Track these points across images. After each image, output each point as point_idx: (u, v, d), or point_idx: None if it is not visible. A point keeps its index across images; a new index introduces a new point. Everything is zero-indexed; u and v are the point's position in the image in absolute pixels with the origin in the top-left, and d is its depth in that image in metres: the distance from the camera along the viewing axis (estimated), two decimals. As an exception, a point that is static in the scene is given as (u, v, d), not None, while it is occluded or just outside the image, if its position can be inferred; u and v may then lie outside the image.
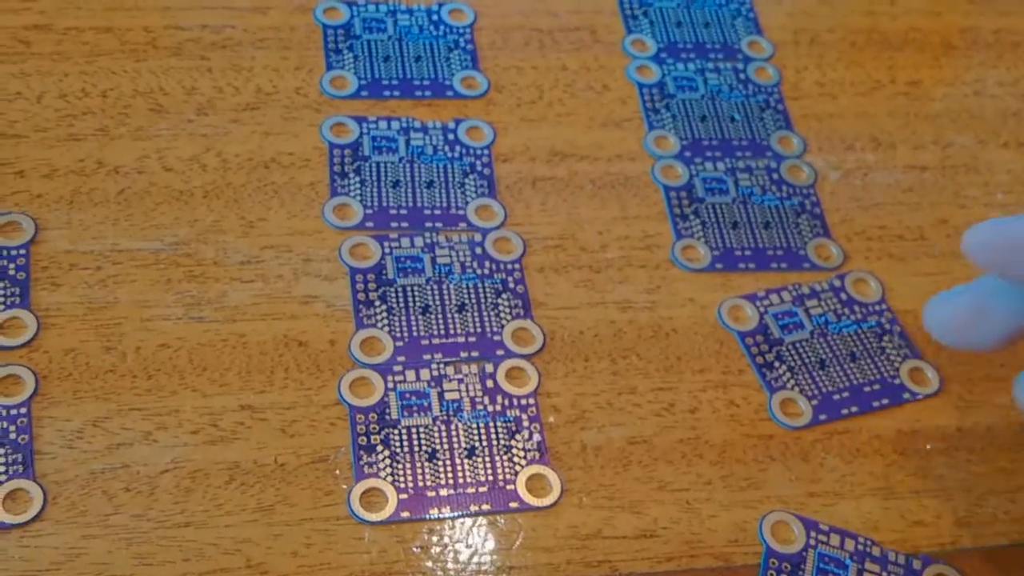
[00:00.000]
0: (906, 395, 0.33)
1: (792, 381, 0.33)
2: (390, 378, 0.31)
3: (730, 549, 0.30)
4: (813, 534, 0.30)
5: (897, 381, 0.33)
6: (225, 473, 0.29)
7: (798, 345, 0.34)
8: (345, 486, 0.29)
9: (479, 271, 0.34)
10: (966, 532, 0.31)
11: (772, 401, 0.32)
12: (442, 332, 0.32)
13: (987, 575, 0.30)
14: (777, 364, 0.33)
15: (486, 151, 0.37)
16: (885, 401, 0.33)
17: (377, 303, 0.32)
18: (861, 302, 0.35)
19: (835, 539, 0.30)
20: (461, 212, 0.35)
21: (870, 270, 0.36)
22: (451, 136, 0.37)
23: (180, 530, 0.28)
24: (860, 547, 0.30)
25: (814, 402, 0.33)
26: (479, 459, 0.30)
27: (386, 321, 0.32)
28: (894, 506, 0.31)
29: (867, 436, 0.32)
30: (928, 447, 0.32)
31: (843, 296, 0.35)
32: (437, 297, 0.33)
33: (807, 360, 0.33)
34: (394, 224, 0.34)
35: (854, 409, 0.33)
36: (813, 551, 0.30)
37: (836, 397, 0.33)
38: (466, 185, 0.36)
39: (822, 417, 0.32)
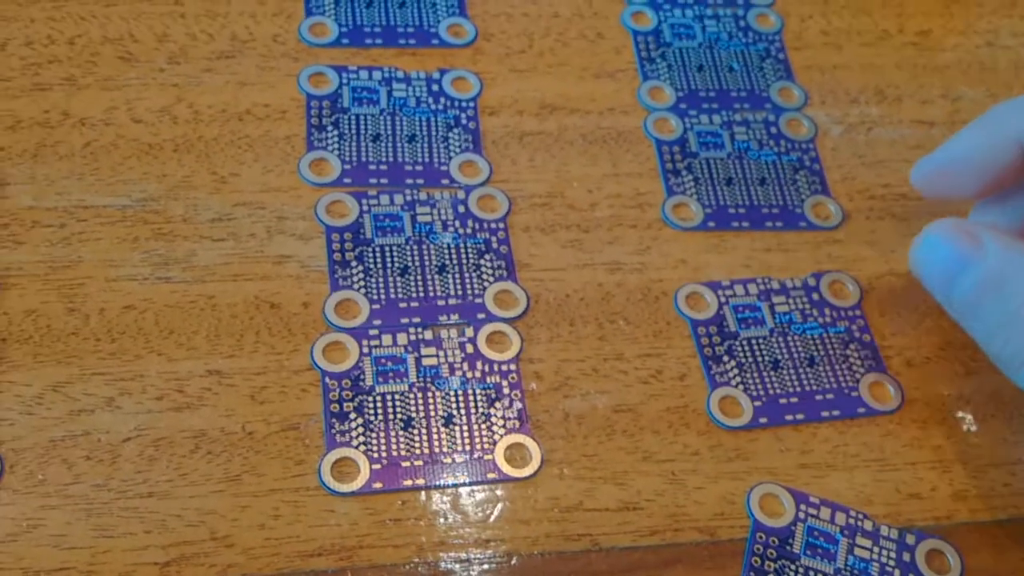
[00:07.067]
0: (861, 409, 0.31)
1: (739, 379, 0.31)
2: (365, 342, 0.30)
3: (716, 523, 0.29)
4: (803, 507, 0.29)
5: (855, 394, 0.31)
6: (190, 441, 0.28)
7: (753, 342, 0.31)
8: (316, 456, 0.28)
9: (462, 230, 0.32)
10: (963, 506, 0.30)
11: (712, 397, 0.30)
12: (421, 295, 0.31)
13: (984, 551, 0.29)
14: (726, 359, 0.31)
15: (472, 103, 0.35)
16: (836, 413, 0.31)
17: (354, 263, 0.31)
18: (834, 305, 0.32)
19: (825, 512, 0.29)
20: (444, 168, 0.33)
21: (871, 230, 0.34)
22: (435, 87, 0.35)
23: (142, 500, 0.27)
24: (851, 521, 0.29)
25: (757, 403, 0.30)
26: (456, 428, 0.29)
27: (362, 282, 0.31)
28: (888, 478, 0.30)
29: (863, 405, 0.31)
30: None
31: (815, 296, 0.33)
32: (417, 258, 0.31)
33: (760, 359, 0.31)
34: (373, 180, 0.33)
35: (800, 416, 0.30)
36: (802, 525, 0.29)
37: (783, 401, 0.31)
38: (450, 139, 0.34)
39: (763, 420, 0.30)
